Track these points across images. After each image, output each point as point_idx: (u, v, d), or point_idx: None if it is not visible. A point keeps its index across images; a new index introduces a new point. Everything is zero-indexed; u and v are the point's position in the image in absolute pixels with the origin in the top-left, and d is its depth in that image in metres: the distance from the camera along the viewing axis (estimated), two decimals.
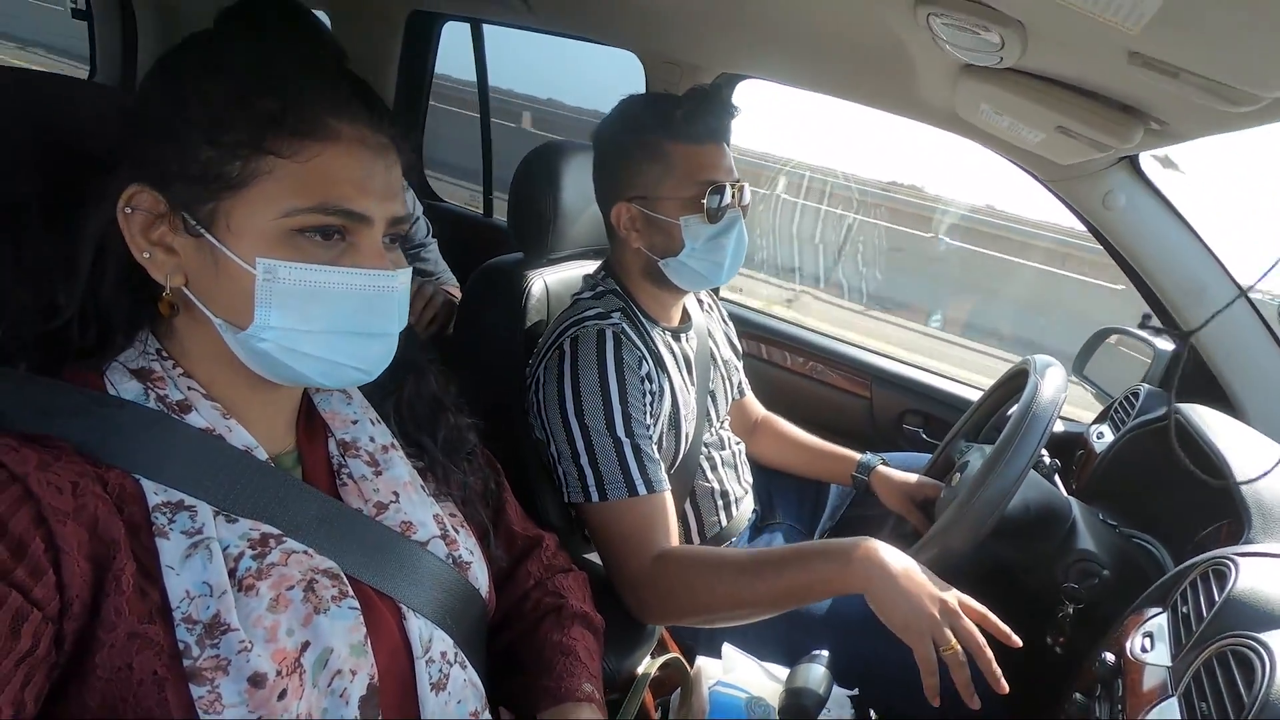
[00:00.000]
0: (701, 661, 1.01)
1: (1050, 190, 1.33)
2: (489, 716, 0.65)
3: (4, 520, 0.44)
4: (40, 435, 0.49)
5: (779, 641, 1.09)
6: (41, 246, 0.53)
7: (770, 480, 1.46)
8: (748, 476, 1.35)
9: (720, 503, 1.23)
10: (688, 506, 1.20)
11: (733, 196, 1.04)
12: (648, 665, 0.96)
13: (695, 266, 1.05)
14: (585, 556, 1.07)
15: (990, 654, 0.75)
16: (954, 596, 0.78)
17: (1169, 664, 0.69)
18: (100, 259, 0.54)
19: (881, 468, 1.30)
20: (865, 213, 6.87)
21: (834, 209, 6.84)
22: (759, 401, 1.49)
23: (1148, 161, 1.22)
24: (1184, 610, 0.73)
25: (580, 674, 0.72)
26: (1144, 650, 0.72)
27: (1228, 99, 0.50)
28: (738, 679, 0.97)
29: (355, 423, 0.67)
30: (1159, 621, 0.76)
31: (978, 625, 0.77)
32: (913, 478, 1.25)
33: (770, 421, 1.46)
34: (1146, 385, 1.37)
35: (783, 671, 0.97)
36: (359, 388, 0.70)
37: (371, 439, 0.66)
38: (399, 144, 0.60)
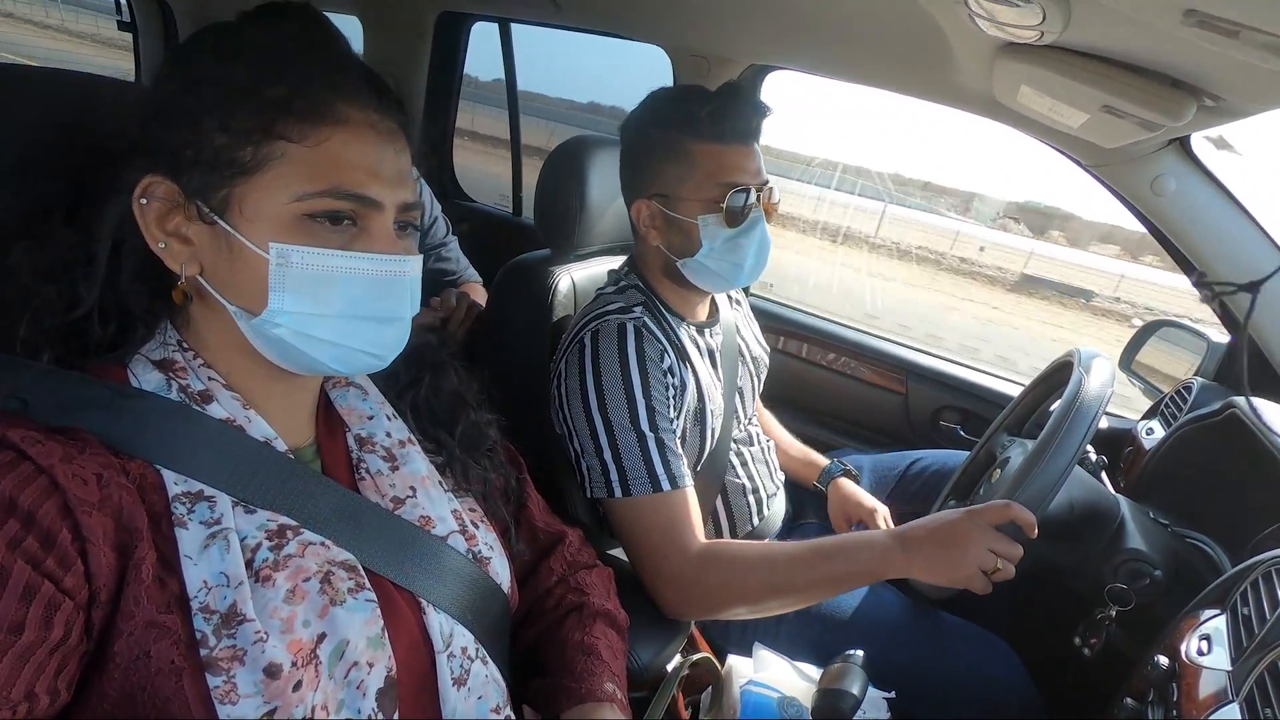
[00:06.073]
0: (733, 660, 0.99)
1: (1094, 176, 1.28)
2: (511, 714, 0.65)
3: (32, 512, 0.45)
4: (65, 427, 0.50)
5: (811, 644, 1.07)
6: (63, 243, 0.53)
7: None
8: (780, 474, 1.32)
9: (752, 500, 1.20)
10: (719, 504, 1.18)
11: (757, 198, 1.02)
12: (678, 663, 0.95)
13: (713, 267, 1.04)
14: (610, 553, 1.06)
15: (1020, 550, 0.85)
16: (979, 522, 0.84)
17: (1229, 668, 0.65)
18: (117, 251, 0.55)
19: (841, 480, 1.33)
20: None
21: None
22: (786, 395, 1.47)
23: (1200, 143, 1.16)
24: (1244, 612, 0.69)
25: (602, 673, 0.71)
26: (1200, 654, 0.68)
27: None
28: (769, 678, 0.95)
29: (371, 418, 0.67)
30: (1217, 624, 0.72)
31: (1009, 522, 0.84)
32: (859, 499, 1.29)
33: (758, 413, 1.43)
34: (1200, 379, 1.31)
35: (815, 671, 0.95)
36: (375, 383, 0.70)
37: (388, 434, 0.66)
38: (408, 131, 0.60)
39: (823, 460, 1.38)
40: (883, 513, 1.28)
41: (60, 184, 0.55)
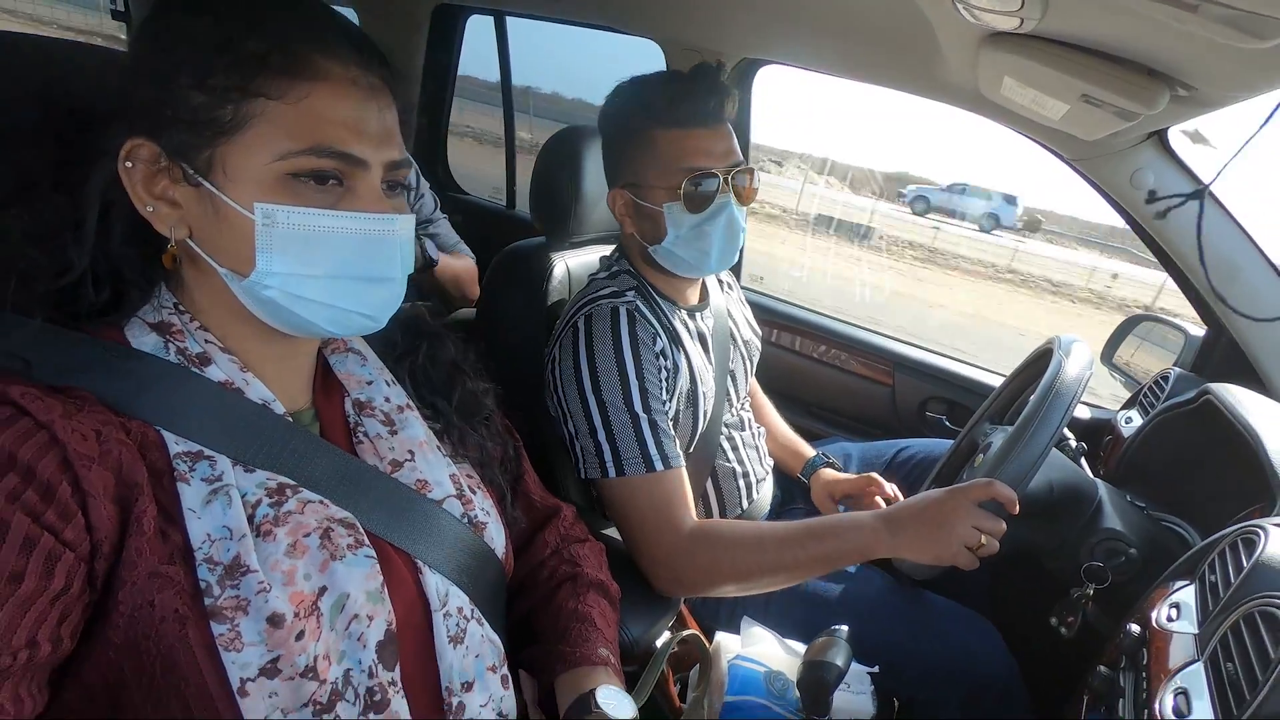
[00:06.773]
0: (720, 637, 1.01)
1: (1075, 169, 1.31)
2: (507, 672, 0.66)
3: (32, 466, 0.45)
4: (64, 386, 0.50)
5: (798, 622, 1.09)
6: (51, 208, 0.53)
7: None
8: (769, 460, 1.34)
9: (742, 484, 1.23)
10: (709, 487, 1.20)
11: (726, 183, 1.01)
12: (667, 639, 0.96)
13: (681, 254, 1.04)
14: (603, 532, 1.08)
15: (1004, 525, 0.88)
16: (962, 500, 0.87)
17: (1195, 631, 0.67)
18: (106, 215, 0.54)
19: (823, 470, 1.34)
20: None
21: None
22: (777, 387, 1.49)
23: (1177, 138, 1.19)
24: (1212, 579, 0.71)
25: (596, 639, 0.72)
26: (1170, 620, 0.71)
27: (1252, 31, 0.49)
28: (757, 653, 0.97)
29: (370, 383, 0.67)
30: (1186, 593, 0.74)
31: (991, 499, 0.87)
32: (840, 479, 1.29)
33: (754, 396, 1.45)
34: (1177, 369, 1.35)
35: (802, 647, 0.97)
36: (374, 350, 0.71)
37: (387, 399, 0.67)
38: (392, 86, 0.58)
39: (809, 452, 1.41)
40: (876, 482, 1.23)
41: (46, 150, 0.54)
